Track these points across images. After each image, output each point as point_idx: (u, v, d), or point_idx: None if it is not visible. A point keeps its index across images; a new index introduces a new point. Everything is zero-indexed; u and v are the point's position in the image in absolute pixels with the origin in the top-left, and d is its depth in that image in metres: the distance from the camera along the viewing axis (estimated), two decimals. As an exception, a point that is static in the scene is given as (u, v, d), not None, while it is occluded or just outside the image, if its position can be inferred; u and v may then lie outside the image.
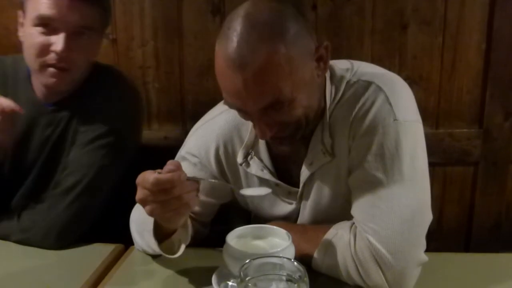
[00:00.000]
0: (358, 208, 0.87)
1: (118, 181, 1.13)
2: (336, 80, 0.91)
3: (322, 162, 0.92)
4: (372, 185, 0.84)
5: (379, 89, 0.87)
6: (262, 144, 0.98)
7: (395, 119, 0.84)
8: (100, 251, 1.02)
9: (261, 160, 0.98)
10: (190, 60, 1.49)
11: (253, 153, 0.97)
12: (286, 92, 0.79)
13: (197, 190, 0.83)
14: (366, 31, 1.42)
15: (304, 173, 0.95)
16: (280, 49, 0.77)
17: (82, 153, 1.09)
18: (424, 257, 0.84)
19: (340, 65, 0.94)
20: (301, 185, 0.96)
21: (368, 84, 0.88)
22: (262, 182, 0.99)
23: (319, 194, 0.95)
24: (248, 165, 0.98)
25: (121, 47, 1.50)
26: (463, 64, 1.43)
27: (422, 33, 1.42)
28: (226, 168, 1.02)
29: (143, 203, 0.80)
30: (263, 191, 0.90)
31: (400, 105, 0.86)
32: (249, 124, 0.96)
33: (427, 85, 1.45)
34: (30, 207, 1.07)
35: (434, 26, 1.41)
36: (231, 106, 0.84)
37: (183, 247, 0.90)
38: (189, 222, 0.92)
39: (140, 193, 0.80)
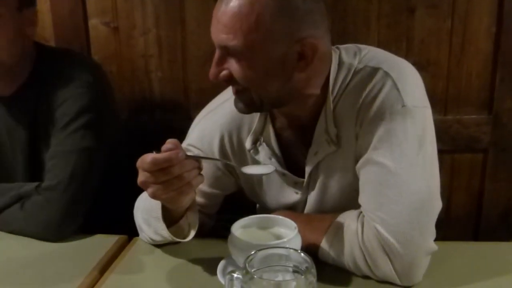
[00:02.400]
0: (366, 196, 0.86)
1: (108, 162, 1.11)
2: (344, 67, 0.89)
3: (327, 152, 0.90)
4: (380, 172, 0.83)
5: (387, 74, 0.85)
6: (271, 131, 0.96)
7: (403, 105, 0.83)
8: (103, 242, 1.02)
9: (270, 146, 0.96)
10: (193, 48, 1.46)
11: (262, 139, 0.95)
12: (238, 43, 0.78)
13: (199, 168, 0.82)
14: (373, 15, 1.39)
15: (310, 162, 0.93)
16: (268, 5, 0.77)
17: (60, 141, 1.07)
18: (433, 245, 0.82)
19: (347, 51, 0.92)
20: (306, 175, 0.94)
21: (375, 70, 0.87)
22: None
23: (326, 184, 0.94)
24: (256, 151, 0.97)
25: (122, 36, 1.47)
26: (472, 48, 1.40)
27: (430, 16, 1.38)
28: (232, 158, 1.00)
29: (144, 185, 0.80)
30: (266, 169, 0.87)
31: (408, 91, 0.85)
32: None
33: (435, 70, 1.42)
34: (31, 198, 1.05)
35: (442, 9, 1.37)
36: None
37: (192, 232, 0.89)
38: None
39: (140, 176, 0.79)
